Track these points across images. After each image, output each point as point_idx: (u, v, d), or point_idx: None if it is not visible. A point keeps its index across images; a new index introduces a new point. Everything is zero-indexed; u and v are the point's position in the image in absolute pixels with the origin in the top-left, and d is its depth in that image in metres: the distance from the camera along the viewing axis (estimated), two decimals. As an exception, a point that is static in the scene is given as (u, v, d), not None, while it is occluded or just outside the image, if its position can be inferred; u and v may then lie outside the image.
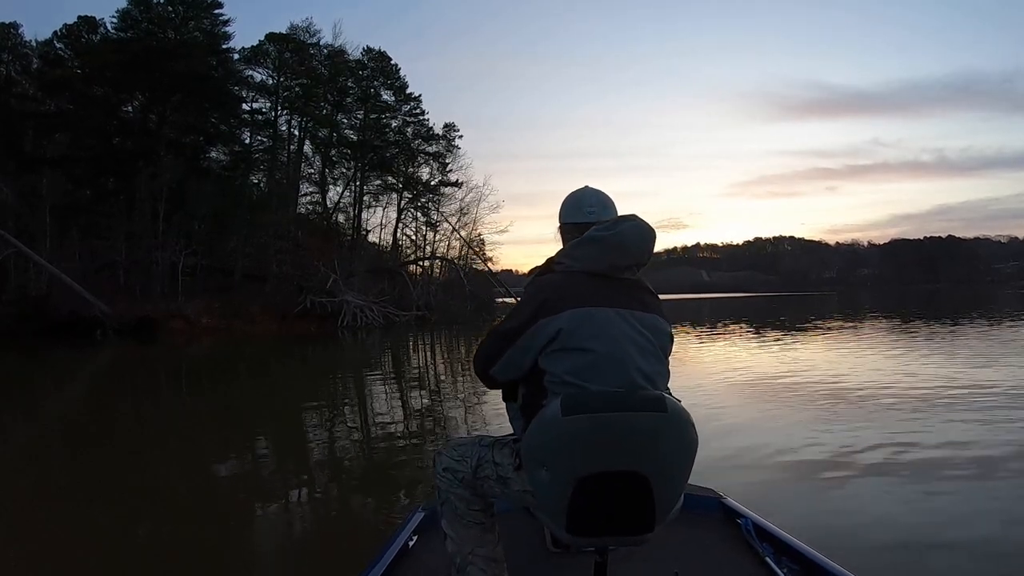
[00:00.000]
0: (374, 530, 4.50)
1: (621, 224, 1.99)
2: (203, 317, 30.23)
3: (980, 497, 4.75)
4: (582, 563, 2.27)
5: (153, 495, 5.52)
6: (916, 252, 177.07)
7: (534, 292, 2.00)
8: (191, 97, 38.43)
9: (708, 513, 2.84)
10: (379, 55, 46.83)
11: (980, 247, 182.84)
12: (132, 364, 19.16)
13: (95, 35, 40.77)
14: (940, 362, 12.50)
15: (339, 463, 6.68)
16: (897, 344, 17.07)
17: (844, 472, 5.41)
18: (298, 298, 32.73)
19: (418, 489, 5.40)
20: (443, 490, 2.11)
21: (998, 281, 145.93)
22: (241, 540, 4.58)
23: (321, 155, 45.64)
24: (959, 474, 5.26)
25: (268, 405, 10.91)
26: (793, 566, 2.33)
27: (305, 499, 5.51)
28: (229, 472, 6.51)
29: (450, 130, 48.43)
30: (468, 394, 10.88)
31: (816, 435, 6.71)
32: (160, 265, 32.06)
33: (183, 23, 41.48)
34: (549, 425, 1.74)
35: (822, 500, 4.82)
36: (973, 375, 10.55)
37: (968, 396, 8.66)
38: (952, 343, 16.38)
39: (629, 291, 1.98)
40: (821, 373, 11.48)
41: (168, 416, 10.04)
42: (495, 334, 2.05)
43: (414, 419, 8.96)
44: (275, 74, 43.63)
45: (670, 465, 1.76)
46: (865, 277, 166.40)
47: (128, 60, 36.56)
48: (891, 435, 6.55)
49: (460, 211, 45.88)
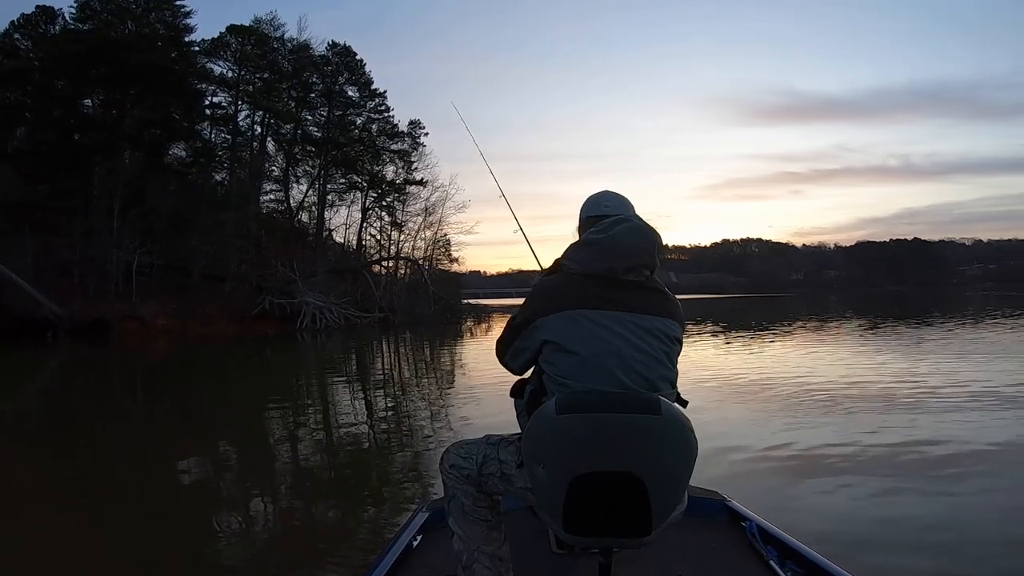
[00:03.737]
0: (345, 532, 4.61)
1: (616, 225, 2.00)
2: (158, 318, 29.65)
3: (977, 493, 4.86)
4: (586, 565, 2.33)
5: (120, 499, 5.45)
6: (882, 254, 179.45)
7: (537, 292, 2.07)
8: (151, 91, 37.54)
9: (712, 516, 2.86)
10: (344, 50, 46.26)
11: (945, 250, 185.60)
12: (82, 368, 18.65)
13: (54, 26, 39.78)
14: (914, 362, 12.90)
15: (306, 469, 6.66)
16: (867, 344, 17.52)
17: (821, 467, 5.64)
18: (257, 299, 32.21)
19: (394, 491, 5.56)
20: (450, 487, 2.16)
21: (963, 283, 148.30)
22: (214, 546, 4.50)
23: (284, 152, 45.01)
24: (954, 472, 5.37)
25: (226, 412, 10.56)
26: (798, 569, 2.35)
27: (270, 504, 5.48)
28: (194, 479, 6.44)
29: (416, 127, 47.93)
30: (432, 398, 10.90)
31: (793, 432, 6.95)
32: (115, 264, 31.21)
33: (144, 14, 40.51)
34: (545, 422, 1.77)
35: (804, 496, 4.92)
36: (954, 374, 10.87)
37: (954, 395, 8.89)
38: (930, 344, 16.65)
39: (632, 293, 1.98)
40: (802, 373, 11.71)
41: (122, 425, 9.58)
42: (509, 325, 2.13)
43: (375, 424, 8.88)
44: (236, 67, 42.73)
45: (666, 468, 1.75)
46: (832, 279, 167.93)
47: (86, 51, 35.63)
48: (860, 434, 6.68)
49: (425, 211, 45.44)
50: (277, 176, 44.84)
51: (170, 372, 17.36)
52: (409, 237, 45.84)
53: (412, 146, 47.62)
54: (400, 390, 12.24)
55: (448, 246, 45.59)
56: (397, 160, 47.38)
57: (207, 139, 42.55)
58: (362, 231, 46.43)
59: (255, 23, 43.17)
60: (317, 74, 45.24)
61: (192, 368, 18.26)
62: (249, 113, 43.68)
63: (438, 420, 8.78)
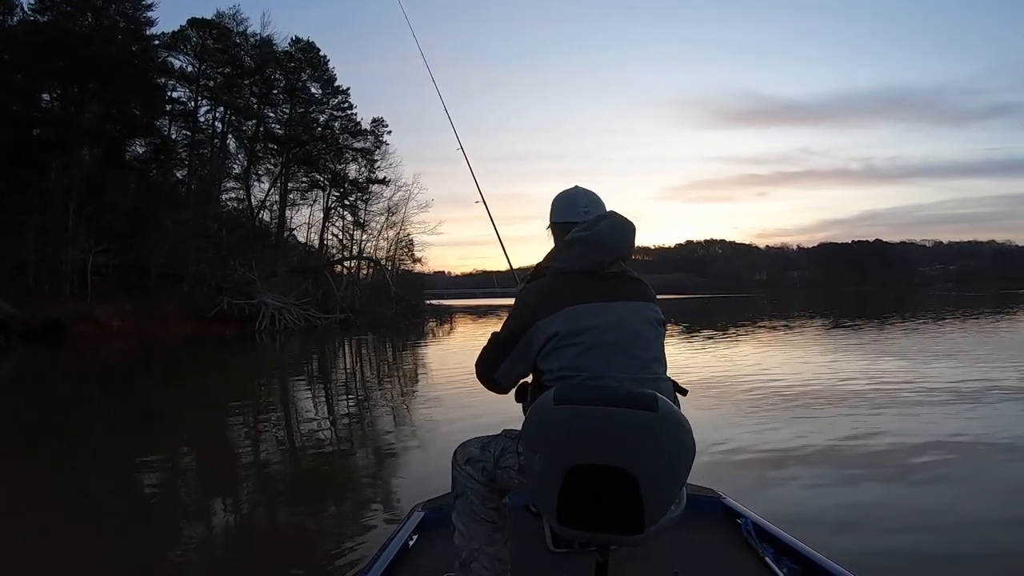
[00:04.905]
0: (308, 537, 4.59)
1: (600, 222, 2.08)
2: (114, 320, 29.14)
3: (972, 489, 5.06)
4: (583, 563, 2.31)
5: (82, 504, 5.42)
6: (844, 255, 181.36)
7: (527, 298, 2.10)
8: (110, 85, 36.81)
9: (708, 513, 2.90)
10: (307, 46, 45.74)
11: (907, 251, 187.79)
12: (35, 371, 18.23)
13: (12, 16, 38.71)
14: (872, 361, 13.67)
15: (269, 474, 6.54)
16: (830, 343, 17.97)
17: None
18: (216, 299, 31.76)
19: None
20: (461, 483, 2.16)
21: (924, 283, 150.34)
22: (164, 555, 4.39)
23: (246, 150, 44.36)
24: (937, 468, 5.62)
25: (185, 417, 10.25)
26: (793, 566, 2.38)
27: (229, 511, 5.44)
28: (153, 485, 6.28)
29: (379, 125, 47.60)
30: (394, 401, 10.96)
31: (763, 428, 7.37)
32: (71, 264, 30.53)
33: (104, 6, 39.60)
34: (542, 413, 1.80)
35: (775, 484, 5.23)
36: (930, 371, 11.52)
37: (929, 391, 9.38)
38: (883, 343, 17.09)
39: (617, 283, 2.07)
40: (764, 372, 12.22)
41: (77, 430, 9.35)
42: (495, 340, 2.14)
43: (337, 428, 8.86)
44: (196, 61, 41.99)
45: (661, 466, 1.75)
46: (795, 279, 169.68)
47: (44, 44, 34.82)
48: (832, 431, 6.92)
49: (388, 210, 45.23)
50: (238, 174, 44.19)
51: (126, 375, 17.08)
52: (372, 237, 45.67)
53: (375, 144, 47.39)
54: (363, 393, 12.19)
55: (411, 246, 45.56)
56: (360, 158, 47.15)
57: (167, 136, 41.86)
58: (324, 231, 46.16)
59: (217, 17, 42.39)
60: (280, 70, 44.66)
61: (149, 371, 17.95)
62: (210, 109, 43.10)
63: (401, 423, 8.79)
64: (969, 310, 35.83)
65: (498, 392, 2.21)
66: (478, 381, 2.23)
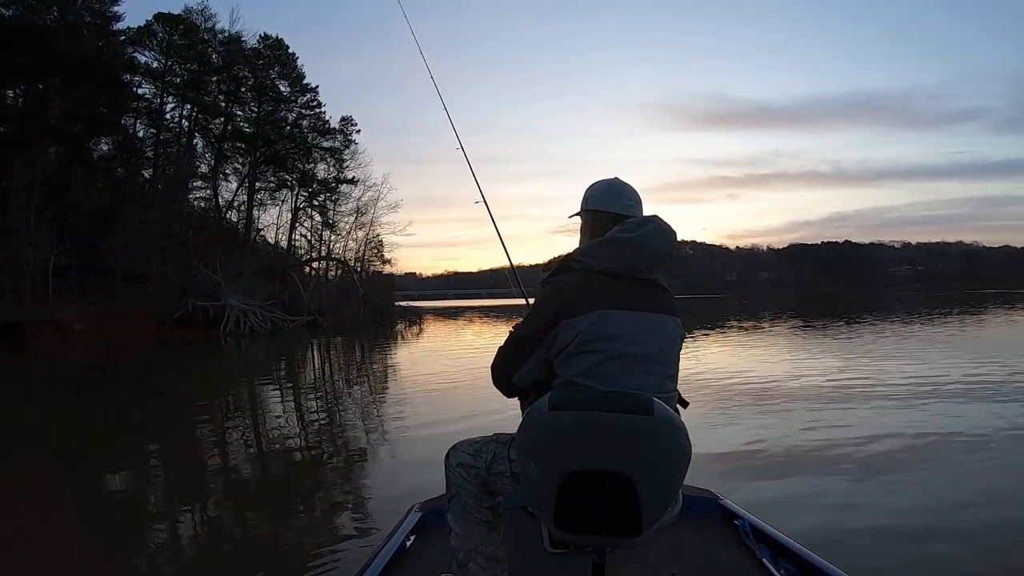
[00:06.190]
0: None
1: (645, 226, 2.00)
2: (76, 322, 28.65)
3: (971, 486, 5.15)
4: (580, 564, 2.30)
5: (48, 512, 5.35)
6: (814, 256, 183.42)
7: (553, 293, 1.98)
8: (75, 81, 36.20)
9: (705, 514, 2.89)
10: (276, 43, 45.36)
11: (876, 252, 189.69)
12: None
13: (-25, 12, 38.04)
14: (834, 359, 14.36)
15: (238, 480, 6.59)
16: (801, 343, 18.70)
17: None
18: (181, 301, 31.33)
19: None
20: (454, 484, 2.12)
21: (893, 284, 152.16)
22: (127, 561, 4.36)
23: (213, 148, 43.83)
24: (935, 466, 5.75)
25: (148, 423, 10.02)
26: (790, 567, 2.38)
27: (198, 515, 5.39)
28: (117, 491, 6.27)
29: (347, 124, 47.37)
30: (364, 405, 11.01)
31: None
32: (32, 264, 29.83)
33: (70, 1, 39.00)
34: (537, 418, 1.76)
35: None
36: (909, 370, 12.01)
37: (919, 391, 9.65)
38: (846, 343, 17.39)
39: (647, 291, 1.99)
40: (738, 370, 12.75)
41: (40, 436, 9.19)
42: (515, 339, 2.03)
43: (306, 432, 8.88)
44: (162, 57, 41.38)
45: (657, 471, 1.74)
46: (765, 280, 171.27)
47: (8, 38, 34.21)
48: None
49: (357, 210, 45.05)
50: (205, 173, 43.71)
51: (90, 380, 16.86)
52: (341, 237, 45.46)
53: (344, 143, 47.12)
54: (332, 398, 12.15)
55: (380, 247, 45.38)
56: (328, 158, 46.91)
57: (133, 134, 41.29)
58: (293, 231, 45.75)
59: (185, 13, 41.90)
60: (248, 68, 44.13)
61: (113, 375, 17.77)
62: (176, 107, 42.57)
63: (371, 427, 8.82)
64: (941, 310, 37.00)
65: (512, 396, 2.13)
66: (493, 386, 2.14)
